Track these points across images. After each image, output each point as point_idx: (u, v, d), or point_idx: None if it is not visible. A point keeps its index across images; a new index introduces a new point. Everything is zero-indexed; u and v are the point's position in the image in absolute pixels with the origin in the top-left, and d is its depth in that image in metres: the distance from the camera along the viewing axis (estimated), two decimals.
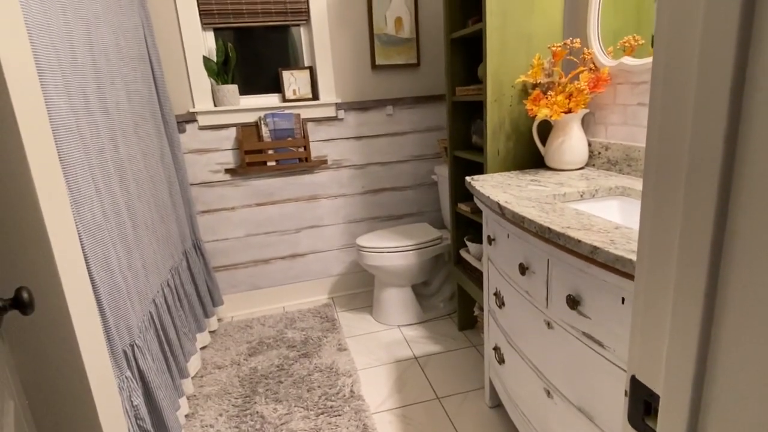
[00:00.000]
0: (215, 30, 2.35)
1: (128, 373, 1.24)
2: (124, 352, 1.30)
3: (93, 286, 1.15)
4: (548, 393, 1.19)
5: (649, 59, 1.33)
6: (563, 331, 1.08)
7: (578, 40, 1.49)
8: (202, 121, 2.34)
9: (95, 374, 0.96)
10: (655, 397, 0.40)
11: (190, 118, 2.33)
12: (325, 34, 2.39)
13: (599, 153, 1.56)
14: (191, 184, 2.40)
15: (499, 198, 1.25)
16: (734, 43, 0.28)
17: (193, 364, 1.97)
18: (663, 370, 0.38)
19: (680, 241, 0.34)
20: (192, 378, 1.98)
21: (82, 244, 1.13)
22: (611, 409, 0.95)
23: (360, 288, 2.80)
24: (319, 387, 1.90)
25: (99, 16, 1.50)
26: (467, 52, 1.94)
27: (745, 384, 0.31)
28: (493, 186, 1.41)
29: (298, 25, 2.45)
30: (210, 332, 2.37)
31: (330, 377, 1.96)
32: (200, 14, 2.25)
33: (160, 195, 1.93)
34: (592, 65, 1.49)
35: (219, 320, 2.54)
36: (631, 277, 0.82)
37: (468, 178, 1.55)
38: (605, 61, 1.48)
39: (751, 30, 0.28)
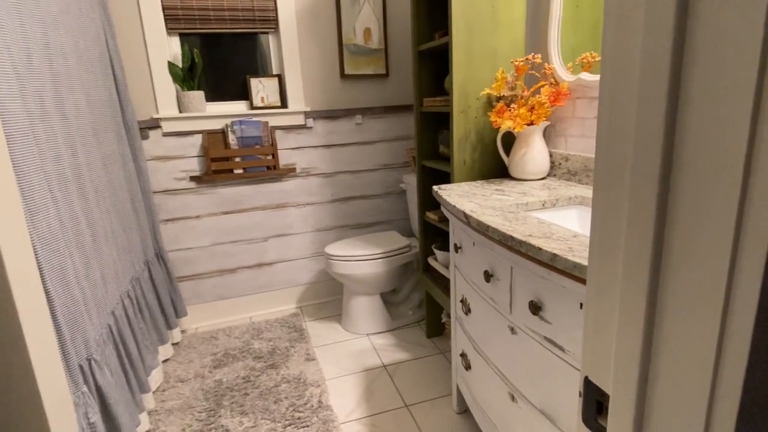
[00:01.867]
0: (181, 35, 2.31)
1: (84, 389, 1.19)
2: (81, 367, 1.24)
3: (48, 298, 1.10)
4: (512, 397, 1.21)
5: None
6: (526, 337, 1.11)
7: (539, 55, 1.55)
8: (167, 127, 2.29)
9: (49, 391, 0.92)
10: (606, 397, 0.42)
11: (154, 124, 2.27)
12: (293, 42, 2.39)
13: (560, 164, 1.62)
14: (154, 192, 2.34)
15: (464, 207, 1.28)
16: (668, 62, 0.31)
17: (155, 378, 1.91)
18: (612, 371, 0.40)
19: (625, 250, 0.37)
20: (153, 392, 1.91)
21: (36, 255, 1.08)
22: (571, 410, 0.98)
23: (328, 297, 2.79)
24: (286, 398, 1.87)
25: (57, 18, 1.45)
26: (434, 64, 1.98)
27: (683, 381, 0.33)
28: (460, 195, 1.44)
29: (267, 32, 2.44)
30: (173, 344, 2.30)
31: (297, 388, 1.93)
32: (165, 19, 2.21)
33: (121, 203, 1.87)
34: (552, 80, 1.55)
35: (183, 332, 2.47)
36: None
37: (435, 188, 1.58)
38: (565, 76, 1.55)
39: (683, 54, 0.30)
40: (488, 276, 1.24)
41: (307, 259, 2.69)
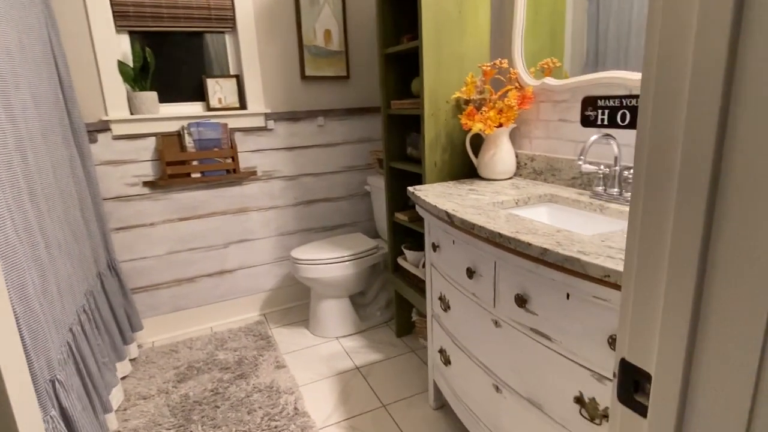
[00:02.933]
0: (132, 33, 2.19)
1: (53, 412, 1.10)
2: (45, 389, 1.14)
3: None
4: (497, 388, 1.26)
5: (569, 80, 1.49)
6: (511, 329, 1.16)
7: (506, 60, 1.63)
8: (117, 130, 2.15)
9: (23, 417, 0.84)
10: (644, 376, 0.46)
11: (103, 126, 2.13)
12: (252, 42, 2.34)
13: (526, 164, 1.71)
14: (104, 199, 2.19)
15: (446, 207, 1.32)
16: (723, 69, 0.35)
17: (116, 397, 1.79)
18: (655, 352, 0.44)
19: (671, 248, 0.41)
20: (115, 411, 1.79)
21: None
22: (559, 397, 1.04)
23: (294, 302, 2.74)
24: (260, 408, 1.82)
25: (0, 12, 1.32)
26: (401, 67, 2.01)
27: (728, 363, 0.37)
28: (437, 196, 1.48)
29: (223, 32, 2.37)
30: (130, 360, 2.16)
31: (271, 396, 1.89)
32: (114, 15, 2.07)
33: (72, 211, 1.74)
34: (517, 84, 1.63)
35: (139, 347, 2.33)
36: (576, 274, 0.92)
37: (411, 189, 1.61)
38: (529, 80, 1.63)
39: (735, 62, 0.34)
40: (471, 272, 1.28)
41: (270, 264, 2.63)
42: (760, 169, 0.33)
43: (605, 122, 1.37)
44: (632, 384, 0.48)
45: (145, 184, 2.25)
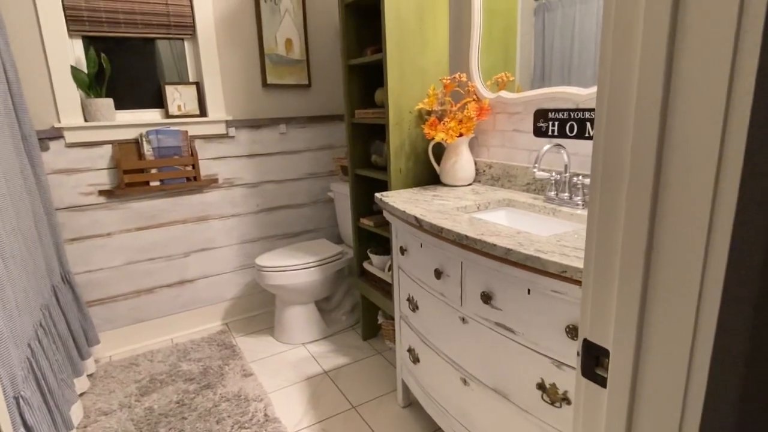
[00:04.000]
0: (87, 38, 2.12)
1: (22, 431, 1.07)
2: (9, 407, 1.11)
3: None
4: (465, 381, 1.35)
5: (521, 94, 1.62)
6: (477, 324, 1.25)
7: (464, 74, 1.74)
8: (71, 137, 2.08)
9: None
10: (603, 352, 0.55)
11: (55, 134, 2.05)
12: (212, 49, 2.33)
13: (484, 171, 1.82)
14: (57, 209, 2.10)
15: (414, 212, 1.40)
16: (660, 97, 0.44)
17: (75, 414, 1.72)
18: (612, 331, 0.53)
19: (623, 240, 0.50)
20: (75, 429, 1.72)
21: None
22: (523, 385, 1.13)
23: (257, 310, 2.72)
24: (229, 416, 1.81)
25: None
26: (364, 77, 2.08)
27: (670, 338, 0.46)
28: (404, 201, 1.55)
29: (182, 39, 2.34)
30: (88, 376, 2.08)
31: (239, 405, 1.88)
32: (66, 19, 2.01)
33: (25, 222, 1.67)
34: (475, 96, 1.75)
35: (96, 361, 2.24)
36: (536, 271, 1.02)
37: (378, 195, 1.67)
38: (486, 93, 1.75)
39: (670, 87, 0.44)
40: (438, 273, 1.36)
41: (232, 272, 2.61)
42: (689, 175, 0.43)
43: (555, 133, 1.50)
44: (594, 360, 0.57)
45: (101, 193, 2.18)
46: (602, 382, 0.56)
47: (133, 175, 2.20)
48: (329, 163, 2.77)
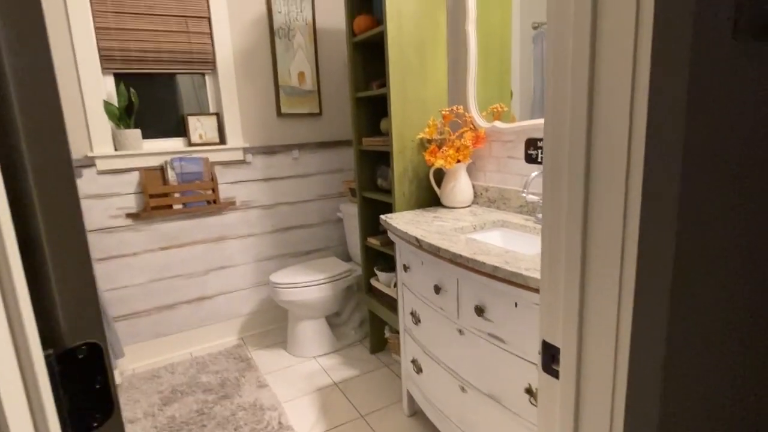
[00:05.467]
0: (118, 74, 2.33)
1: None
2: None
3: None
4: (463, 389, 1.47)
5: (514, 124, 1.77)
6: (472, 335, 1.38)
7: (461, 106, 1.90)
8: (102, 165, 2.27)
9: None
10: (557, 350, 0.68)
11: (88, 162, 2.24)
12: (231, 82, 2.53)
13: (481, 194, 1.96)
14: (88, 231, 2.28)
15: (415, 233, 1.54)
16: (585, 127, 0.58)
17: None
18: (561, 332, 0.66)
19: (565, 260, 0.63)
20: None
21: None
22: (513, 390, 1.26)
23: (271, 325, 2.87)
24: (245, 424, 1.94)
25: None
26: (370, 108, 2.26)
27: (601, 338, 0.60)
28: (407, 223, 1.70)
29: (204, 74, 2.55)
30: None
31: (255, 414, 2.01)
32: (101, 59, 2.22)
33: None
34: (472, 126, 1.90)
35: (121, 373, 2.39)
36: (521, 286, 1.15)
37: (383, 217, 1.82)
38: (482, 123, 1.90)
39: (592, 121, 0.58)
40: (438, 289, 1.50)
41: (249, 289, 2.76)
42: (608, 197, 0.57)
43: (543, 153, 1.64)
44: (550, 357, 0.70)
45: (128, 215, 2.37)
46: (556, 375, 0.69)
47: (158, 199, 2.38)
48: (339, 186, 2.94)
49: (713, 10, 0.46)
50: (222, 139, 2.59)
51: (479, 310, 1.32)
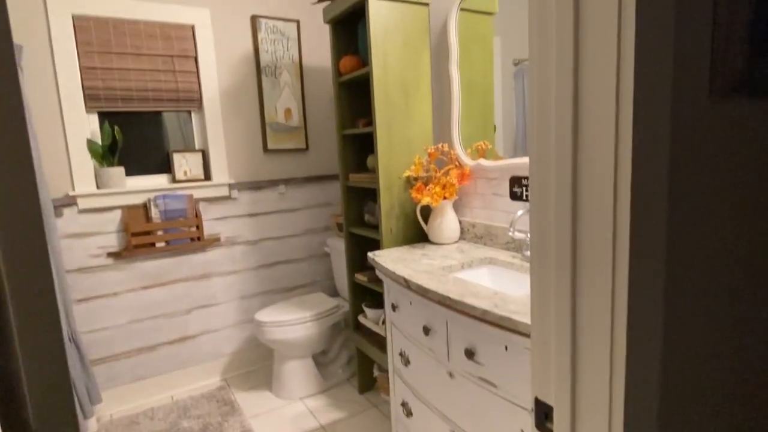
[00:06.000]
0: (102, 112, 2.32)
1: None
2: None
3: None
4: None
5: (498, 162, 1.79)
6: (463, 379, 1.36)
7: (447, 144, 1.92)
8: (83, 204, 2.23)
9: None
10: (550, 408, 0.66)
11: (69, 201, 2.20)
12: (218, 119, 2.53)
13: (468, 230, 1.97)
14: (67, 271, 2.22)
15: (403, 273, 1.53)
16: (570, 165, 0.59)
17: None
18: (553, 391, 0.65)
19: (555, 318, 0.63)
20: None
21: None
22: None
23: (255, 365, 2.78)
24: None
25: None
26: (356, 144, 2.28)
27: (595, 397, 0.59)
28: (394, 261, 1.69)
29: (190, 111, 2.55)
30: None
31: None
32: (85, 97, 2.21)
33: None
34: (457, 163, 1.92)
35: (98, 420, 2.28)
36: (510, 330, 1.14)
37: (371, 254, 1.81)
38: (467, 161, 1.93)
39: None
40: (427, 330, 1.48)
41: (232, 327, 2.69)
42: (596, 251, 0.57)
43: (528, 198, 1.66)
44: (543, 414, 0.68)
45: (109, 254, 2.31)
46: None
47: (140, 237, 2.34)
48: (325, 219, 2.92)
49: (691, 69, 0.48)
50: (207, 176, 2.57)
51: (469, 353, 1.30)
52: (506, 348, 1.18)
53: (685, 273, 0.52)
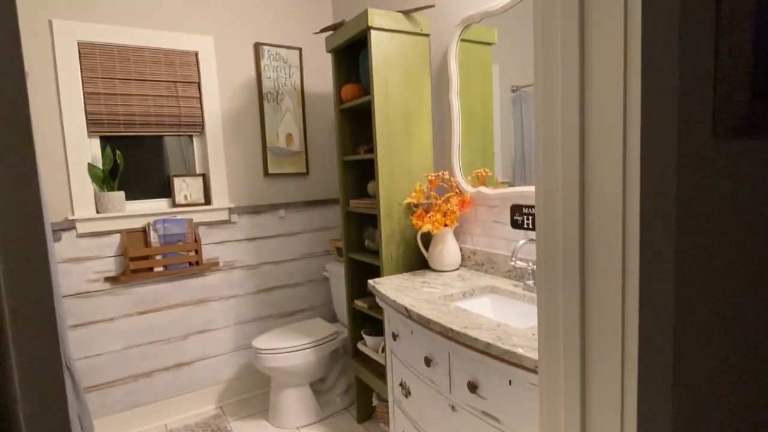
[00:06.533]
0: (103, 137, 2.33)
1: None
2: None
3: None
4: None
5: (499, 190, 1.80)
6: (466, 413, 1.33)
7: (447, 171, 1.93)
8: (82, 228, 2.22)
9: None
10: None
11: (69, 225, 2.19)
12: (219, 144, 2.55)
13: (469, 257, 1.96)
14: (64, 296, 2.19)
15: (404, 302, 1.51)
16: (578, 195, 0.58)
17: None
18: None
19: (564, 355, 0.62)
20: None
21: None
22: None
23: (252, 392, 2.73)
24: None
25: None
26: (357, 170, 2.28)
27: None
28: (395, 290, 1.67)
29: (191, 136, 2.57)
30: None
31: None
32: (87, 122, 2.22)
33: None
34: (458, 190, 1.93)
35: None
36: (514, 364, 1.12)
37: (371, 282, 1.80)
38: (467, 188, 1.93)
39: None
40: (428, 361, 1.45)
41: (229, 354, 2.65)
42: (606, 274, 0.56)
43: (530, 226, 1.66)
44: None
45: (107, 279, 2.29)
46: None
47: (139, 261, 2.32)
48: (325, 244, 2.91)
49: (696, 111, 0.48)
50: (207, 200, 2.57)
51: (472, 386, 1.27)
52: (510, 382, 1.16)
53: (695, 310, 0.51)
